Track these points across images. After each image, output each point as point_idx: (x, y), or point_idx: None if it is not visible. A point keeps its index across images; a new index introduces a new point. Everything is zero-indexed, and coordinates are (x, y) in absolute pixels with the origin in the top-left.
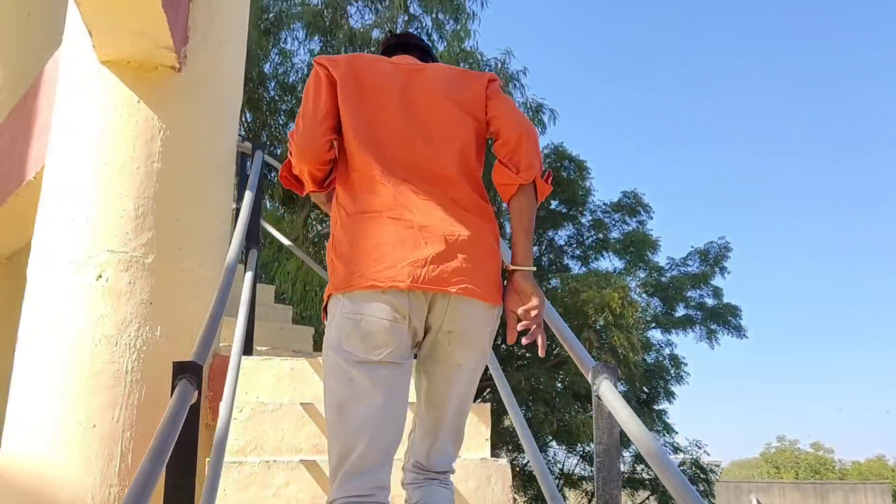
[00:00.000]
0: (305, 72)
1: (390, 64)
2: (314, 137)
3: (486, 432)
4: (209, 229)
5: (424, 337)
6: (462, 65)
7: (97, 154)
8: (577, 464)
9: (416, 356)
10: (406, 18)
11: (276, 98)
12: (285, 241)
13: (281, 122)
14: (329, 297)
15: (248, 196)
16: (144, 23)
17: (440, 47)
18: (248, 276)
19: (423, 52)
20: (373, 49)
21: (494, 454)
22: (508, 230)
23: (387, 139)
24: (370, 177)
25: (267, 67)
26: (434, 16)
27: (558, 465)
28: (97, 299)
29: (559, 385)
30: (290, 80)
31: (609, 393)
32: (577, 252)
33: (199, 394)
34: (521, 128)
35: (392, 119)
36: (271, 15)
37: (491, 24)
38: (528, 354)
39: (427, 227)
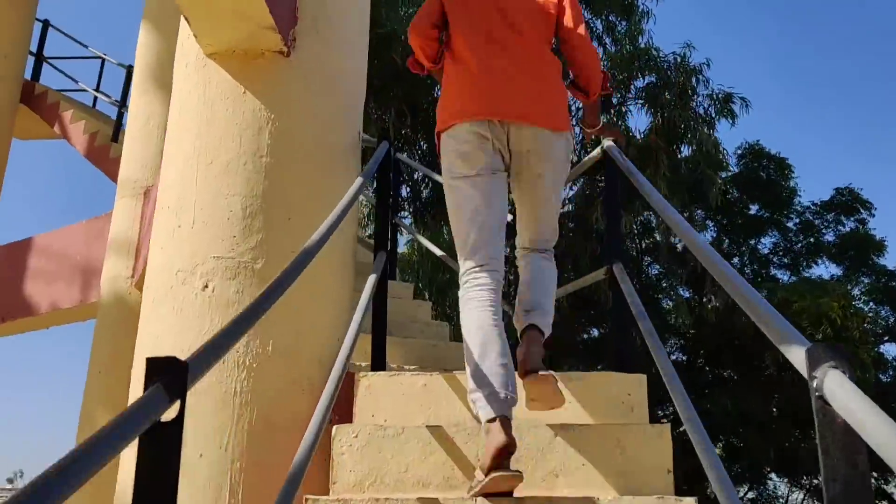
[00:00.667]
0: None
1: None
2: (423, 25)
3: (667, 460)
4: (335, 232)
5: (511, 157)
6: (638, 63)
7: (202, 153)
8: (803, 500)
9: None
10: None
11: None
12: (431, 247)
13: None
14: (439, 136)
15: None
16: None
17: (612, 49)
18: (371, 280)
19: None
20: None
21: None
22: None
23: (478, 18)
24: (466, 49)
25: (438, 95)
26: (604, 17)
27: (779, 502)
28: (203, 311)
29: (774, 409)
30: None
31: (841, 390)
32: (785, 260)
33: (182, 406)
34: (588, 59)
35: (484, 15)
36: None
37: (670, 17)
38: (735, 376)
39: (504, 74)
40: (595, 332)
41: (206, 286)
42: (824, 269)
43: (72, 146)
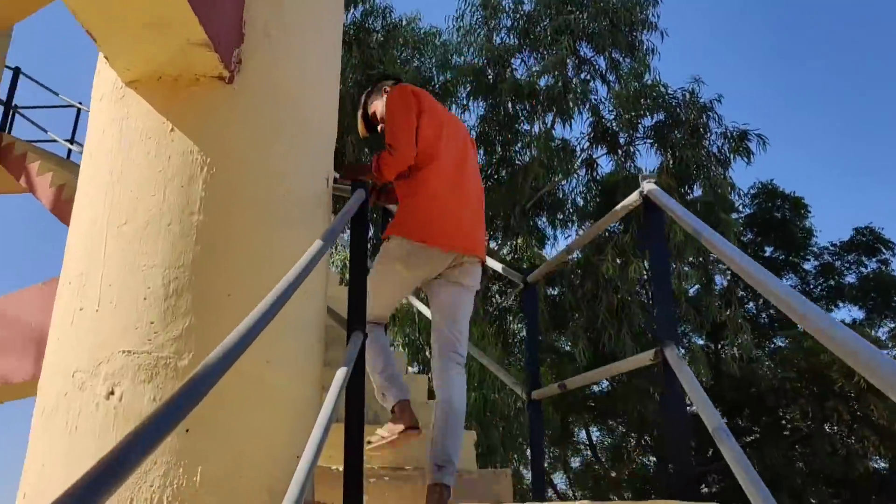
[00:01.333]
0: (475, 137)
1: (437, 103)
2: (412, 151)
3: None
4: (288, 310)
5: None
6: (645, 101)
7: (114, 210)
8: None
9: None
10: (576, 61)
11: None
12: (422, 308)
13: None
14: (392, 236)
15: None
16: (157, 5)
17: (616, 87)
18: (340, 374)
19: None
20: (541, 99)
21: None
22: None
23: (444, 157)
24: (434, 179)
25: None
26: (607, 55)
27: None
28: (106, 428)
29: (801, 465)
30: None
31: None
32: None
33: None
34: None
35: (446, 145)
36: (437, 86)
37: (675, 52)
38: (755, 429)
39: (467, 214)
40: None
41: (112, 392)
42: (846, 313)
43: (38, 200)
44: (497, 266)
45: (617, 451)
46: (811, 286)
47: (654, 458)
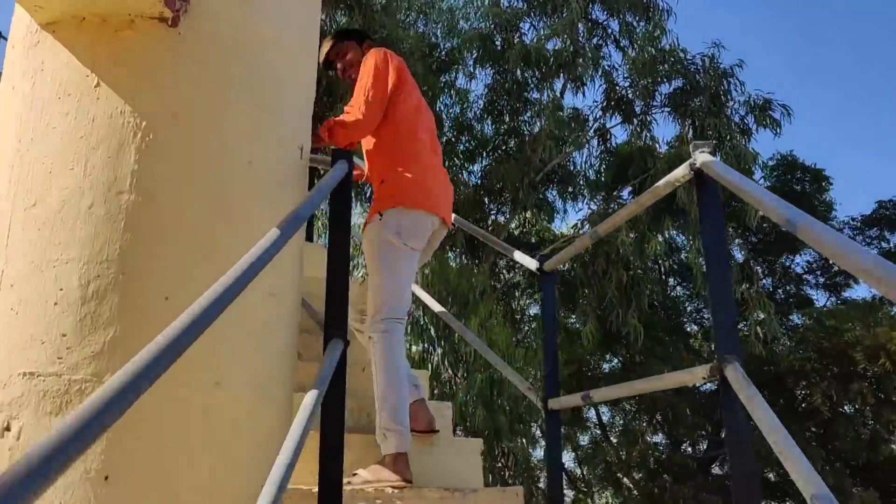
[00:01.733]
0: (482, 107)
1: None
2: (379, 117)
3: None
4: (244, 316)
5: None
6: (662, 67)
7: (21, 188)
8: None
9: None
10: (587, 25)
11: (452, 139)
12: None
13: (457, 163)
14: (388, 209)
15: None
16: None
17: (631, 52)
18: (309, 399)
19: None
20: (550, 64)
21: None
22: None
23: (424, 128)
24: (422, 150)
25: (439, 108)
26: (621, 18)
27: None
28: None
29: (821, 449)
30: (467, 117)
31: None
32: (822, 280)
33: None
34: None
35: (423, 117)
36: (443, 52)
37: (692, 15)
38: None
39: (445, 181)
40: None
41: (8, 428)
42: (866, 290)
43: None
44: (512, 252)
45: (627, 432)
46: (830, 261)
47: (666, 439)
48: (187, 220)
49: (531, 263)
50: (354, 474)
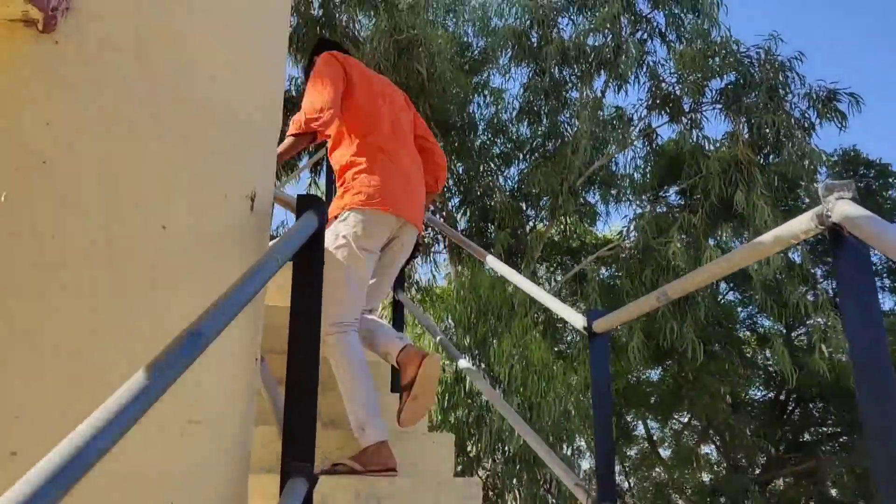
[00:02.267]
0: (518, 107)
1: (368, 70)
2: (333, 120)
3: None
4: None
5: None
6: (713, 61)
7: None
8: None
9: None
10: (630, 18)
11: (487, 142)
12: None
13: (492, 167)
14: (343, 210)
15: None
16: None
17: (678, 46)
18: None
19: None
20: (590, 61)
21: None
22: None
23: (384, 125)
24: (379, 148)
25: (472, 110)
26: (668, 11)
27: None
28: None
29: None
30: (502, 119)
31: None
32: (887, 282)
33: None
34: (443, 162)
35: (383, 113)
36: (475, 52)
37: (744, 7)
38: (838, 430)
39: (407, 179)
40: None
41: None
42: None
43: None
44: (555, 305)
45: (680, 450)
46: None
47: (724, 462)
48: (57, 309)
49: (577, 321)
50: (337, 464)
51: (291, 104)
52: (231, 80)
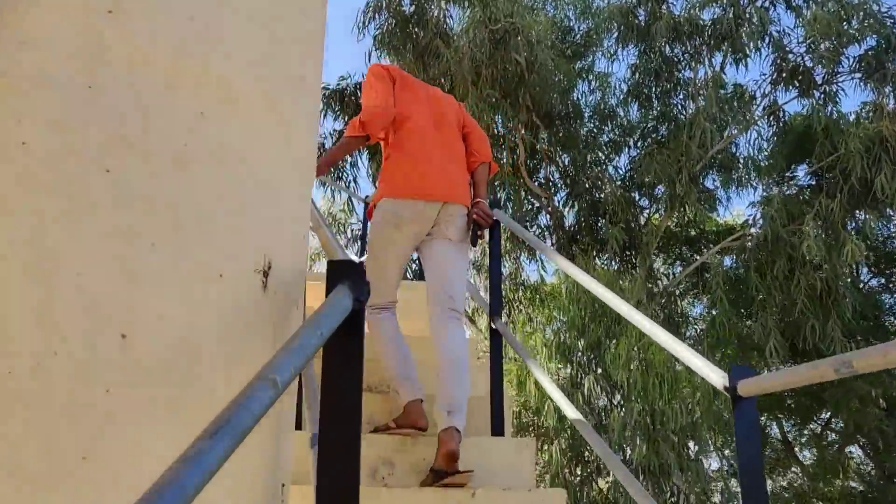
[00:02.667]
0: (626, 91)
1: (408, 74)
2: (385, 118)
3: None
4: None
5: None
6: (850, 24)
7: None
8: None
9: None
10: None
11: (594, 130)
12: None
13: (601, 157)
14: (377, 202)
15: None
16: None
17: (807, 11)
18: None
19: None
20: (706, 36)
21: None
22: None
23: (419, 118)
24: (409, 140)
25: (576, 97)
26: None
27: None
28: None
29: None
30: (609, 104)
31: None
32: None
33: None
34: (484, 137)
35: (420, 108)
36: (577, 36)
37: None
38: None
39: (442, 164)
40: None
41: None
42: None
43: None
44: (694, 361)
45: (823, 457)
46: None
47: (876, 470)
48: None
49: (718, 380)
50: (379, 426)
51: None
52: (233, 126)
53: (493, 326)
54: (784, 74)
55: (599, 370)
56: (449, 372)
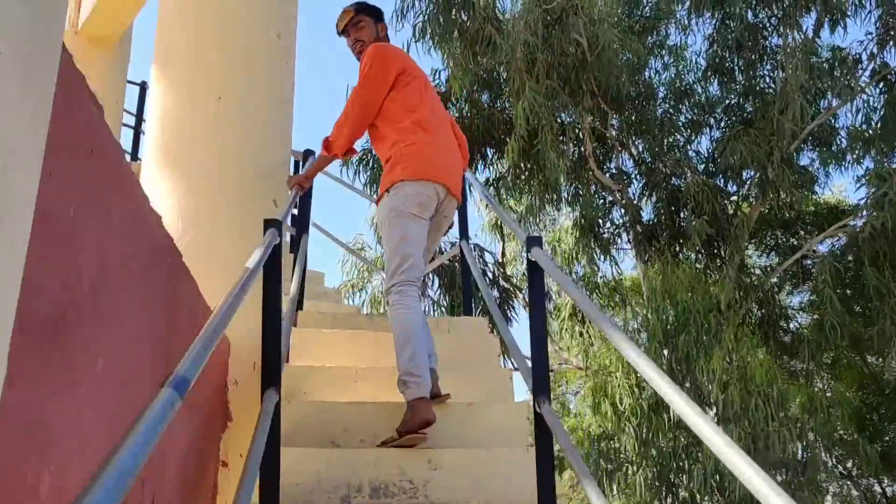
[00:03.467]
0: (704, 65)
1: (409, 57)
2: (368, 113)
3: None
4: None
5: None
6: None
7: None
8: None
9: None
10: None
11: (670, 110)
12: None
13: (679, 140)
14: (393, 184)
15: None
16: None
17: None
18: None
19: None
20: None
21: None
22: None
23: (424, 107)
24: (420, 127)
25: (648, 76)
26: None
27: None
28: None
29: None
30: (686, 81)
31: None
32: None
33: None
34: (464, 138)
35: (422, 97)
36: (646, 9)
37: None
38: None
39: (449, 153)
40: None
41: None
42: None
43: None
44: None
45: None
46: None
47: None
48: None
49: None
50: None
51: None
52: None
53: (538, 412)
54: (893, 33)
55: (687, 384)
56: (422, 331)
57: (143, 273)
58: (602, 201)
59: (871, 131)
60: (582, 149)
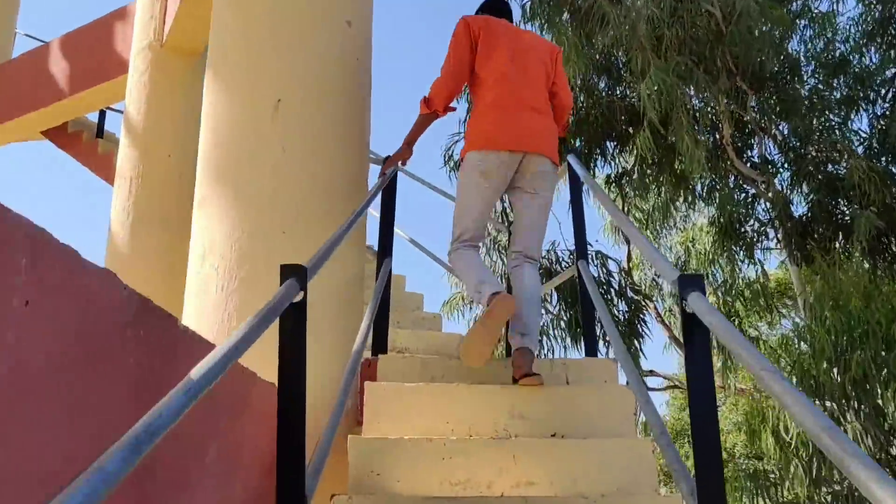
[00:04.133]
0: (860, 32)
1: (502, 26)
2: (456, 79)
3: None
4: None
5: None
6: None
7: None
8: None
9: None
10: None
11: (820, 86)
12: None
13: (833, 121)
14: (462, 158)
15: None
16: None
17: None
18: None
19: (510, 17)
20: None
21: None
22: None
23: (503, 70)
24: (491, 93)
25: (793, 48)
26: None
27: None
28: None
29: None
30: (839, 51)
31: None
32: None
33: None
34: (569, 100)
35: (507, 63)
36: None
37: None
38: None
39: (524, 114)
40: None
41: None
42: None
43: None
44: None
45: None
46: None
47: None
48: None
49: None
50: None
51: None
52: None
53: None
54: None
55: (864, 407)
56: (522, 305)
57: None
58: (743, 195)
59: None
60: (717, 136)
